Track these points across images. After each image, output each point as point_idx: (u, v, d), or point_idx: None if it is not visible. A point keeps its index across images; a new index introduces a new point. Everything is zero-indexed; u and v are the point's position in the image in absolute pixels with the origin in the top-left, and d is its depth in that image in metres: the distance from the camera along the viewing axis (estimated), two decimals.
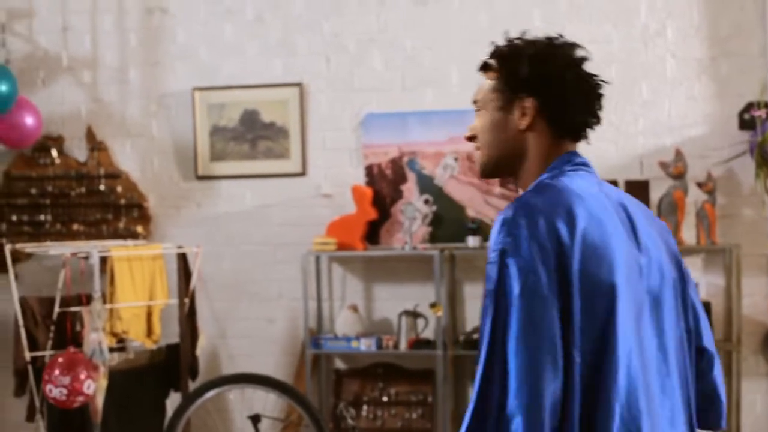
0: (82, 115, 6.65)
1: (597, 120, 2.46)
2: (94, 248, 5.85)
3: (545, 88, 2.39)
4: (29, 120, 6.23)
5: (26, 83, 6.52)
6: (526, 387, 2.16)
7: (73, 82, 6.68)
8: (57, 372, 5.48)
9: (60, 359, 5.54)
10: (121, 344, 6.01)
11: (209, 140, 6.49)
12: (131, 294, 5.92)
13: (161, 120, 6.59)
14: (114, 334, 5.88)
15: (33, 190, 6.59)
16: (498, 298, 2.23)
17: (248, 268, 6.45)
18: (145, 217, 6.53)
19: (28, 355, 5.79)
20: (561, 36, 2.49)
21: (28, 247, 6.08)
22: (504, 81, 2.43)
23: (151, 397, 6.01)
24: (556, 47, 2.44)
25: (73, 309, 5.81)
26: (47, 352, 5.76)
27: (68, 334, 5.82)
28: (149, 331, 6.01)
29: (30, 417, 5.93)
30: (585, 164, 2.47)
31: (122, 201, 6.53)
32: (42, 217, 6.60)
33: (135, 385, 5.90)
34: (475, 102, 2.51)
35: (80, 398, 5.50)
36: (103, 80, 6.66)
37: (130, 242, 6.30)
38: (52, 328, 5.79)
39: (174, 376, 6.05)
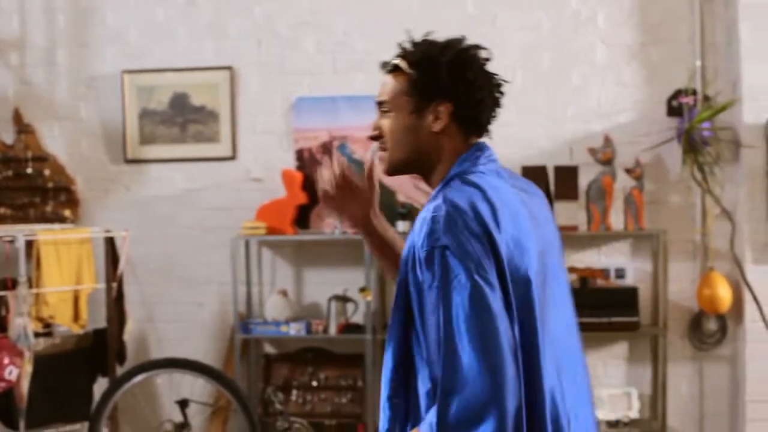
0: (9, 97, 6.64)
1: (496, 116, 2.63)
2: (19, 232, 5.86)
3: (461, 93, 2.51)
4: None
5: None
6: (494, 376, 2.30)
7: (1, 63, 6.67)
8: None
9: None
10: (47, 329, 6.02)
11: (138, 123, 6.52)
12: (58, 278, 5.94)
13: (90, 102, 6.60)
14: (40, 319, 5.89)
15: None
16: (446, 293, 2.36)
17: (177, 252, 6.49)
18: (72, 201, 6.55)
19: None
20: (464, 38, 2.60)
21: None
22: (419, 86, 2.52)
23: (78, 382, 6.03)
24: (468, 51, 2.55)
25: None
26: None
27: None
28: (76, 316, 6.03)
29: None
30: (490, 155, 2.62)
31: (50, 184, 6.54)
32: None
33: (62, 370, 5.91)
34: (381, 103, 2.59)
35: (1, 384, 5.52)
36: (31, 62, 6.66)
37: (57, 226, 6.30)
38: None
39: (101, 361, 6.08)
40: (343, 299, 6.13)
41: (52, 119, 6.63)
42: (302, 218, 6.29)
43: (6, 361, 5.49)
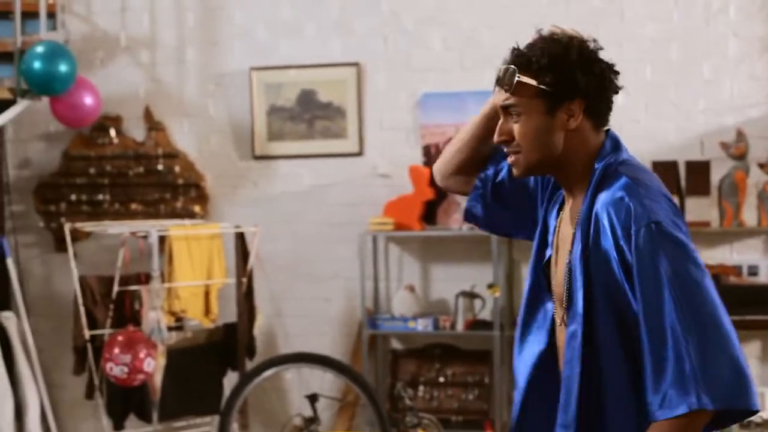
0: (140, 95, 6.86)
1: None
2: (152, 227, 6.06)
3: (594, 89, 2.54)
4: (88, 100, 6.43)
5: (85, 63, 6.71)
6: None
7: (131, 62, 6.89)
8: (117, 350, 5.70)
9: (119, 338, 5.77)
10: (179, 323, 6.21)
11: (266, 120, 6.68)
12: (189, 273, 6.13)
13: (218, 100, 6.78)
14: (172, 313, 6.09)
15: (92, 170, 6.81)
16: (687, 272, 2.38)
17: (305, 248, 6.63)
18: (202, 197, 6.74)
19: (87, 333, 6.01)
20: (579, 33, 2.62)
21: (87, 227, 6.30)
22: (555, 88, 2.54)
23: (209, 376, 6.22)
24: (588, 46, 2.58)
25: (132, 288, 6.02)
26: (106, 331, 5.98)
27: (127, 313, 6.04)
28: (207, 310, 6.21)
29: (89, 395, 6.15)
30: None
31: (180, 181, 6.74)
32: (100, 197, 6.82)
33: (193, 364, 6.10)
34: (509, 106, 2.59)
35: (140, 376, 5.72)
36: (161, 60, 6.86)
37: (188, 222, 6.50)
38: (111, 306, 6.01)
39: (231, 355, 6.25)
40: (471, 295, 6.20)
41: (182, 116, 6.82)
42: (429, 214, 6.38)
43: (143, 353, 5.69)
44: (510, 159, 2.62)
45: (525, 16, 6.16)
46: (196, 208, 6.72)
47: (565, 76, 2.53)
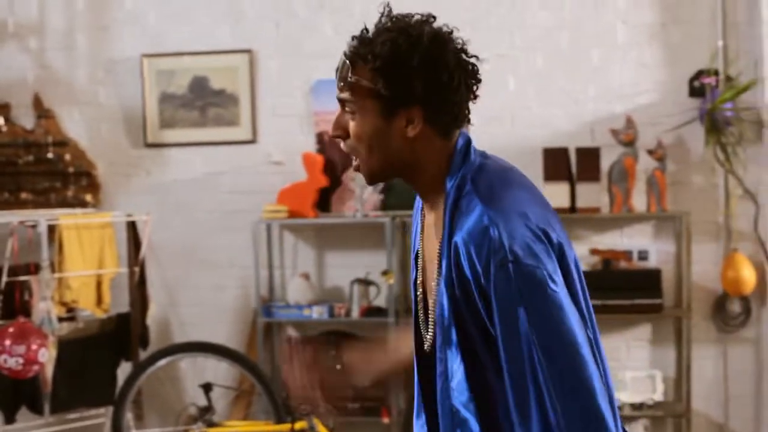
0: (29, 81, 6.78)
1: (475, 101, 2.39)
2: (41, 217, 6.01)
3: (435, 97, 2.31)
4: None
5: None
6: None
7: (19, 47, 6.81)
8: (9, 342, 5.64)
9: (10, 329, 5.70)
10: (70, 313, 6.18)
11: (158, 107, 6.66)
12: (80, 263, 6.10)
13: (109, 87, 6.74)
14: (63, 304, 6.06)
15: None
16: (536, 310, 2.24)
17: (199, 236, 6.63)
18: (94, 185, 6.70)
19: None
20: (434, 18, 2.37)
21: None
22: (390, 93, 2.29)
23: (102, 367, 6.20)
24: (442, 46, 2.32)
25: (22, 278, 5.97)
26: None
27: (17, 304, 5.98)
28: (99, 300, 6.20)
29: None
30: (473, 145, 2.43)
31: (71, 169, 6.69)
32: None
33: (85, 355, 6.08)
34: (343, 101, 2.37)
35: (35, 367, 5.68)
36: (50, 46, 6.80)
37: (79, 210, 6.46)
38: (0, 297, 5.95)
39: (125, 345, 6.24)
40: (366, 282, 6.27)
41: (72, 104, 6.77)
42: (323, 201, 6.42)
43: (36, 345, 5.64)
44: (354, 164, 2.40)
45: (416, 3, 6.20)
46: (88, 197, 6.68)
47: (402, 81, 2.28)
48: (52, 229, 6.03)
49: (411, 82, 2.28)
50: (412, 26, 2.33)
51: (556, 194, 5.95)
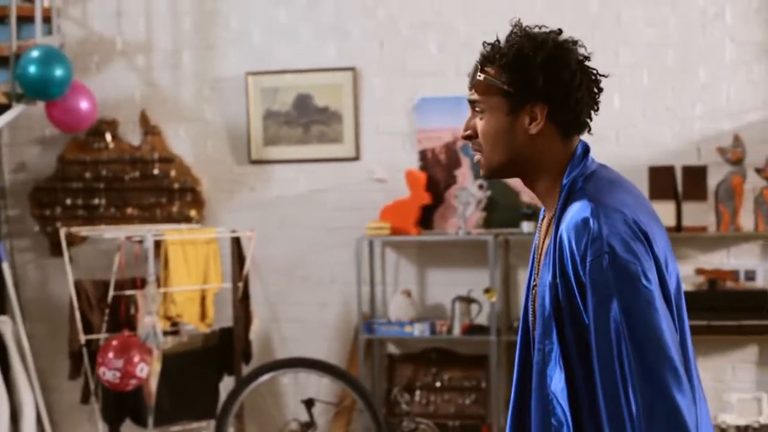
0: (136, 99, 6.87)
1: (597, 111, 2.51)
2: (148, 232, 6.07)
3: (557, 94, 2.44)
4: (84, 104, 6.45)
5: (80, 68, 6.73)
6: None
7: (127, 66, 6.91)
8: (110, 355, 5.72)
9: (114, 342, 5.78)
10: (175, 328, 6.23)
11: (262, 124, 6.69)
12: (185, 278, 6.15)
13: (214, 104, 6.80)
14: (168, 318, 6.10)
15: (87, 174, 6.83)
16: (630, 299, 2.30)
17: (301, 253, 6.64)
18: (198, 201, 6.75)
19: (82, 337, 6.03)
20: (561, 31, 2.51)
21: (83, 231, 6.32)
22: (515, 88, 2.44)
23: (205, 381, 6.23)
24: (565, 49, 2.47)
25: (128, 292, 6.04)
26: (102, 335, 6.00)
27: (122, 318, 6.06)
28: (203, 315, 6.23)
29: (84, 399, 6.17)
30: (591, 155, 2.54)
31: (176, 185, 6.75)
32: (96, 201, 6.83)
33: (189, 369, 6.12)
34: (473, 102, 2.51)
35: (133, 381, 5.73)
36: (157, 64, 6.88)
37: (183, 226, 6.51)
38: (107, 311, 6.02)
39: (227, 360, 6.26)
40: (468, 300, 6.22)
41: (178, 121, 6.84)
42: (426, 219, 6.40)
43: (137, 359, 5.70)
44: (476, 158, 2.54)
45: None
46: (192, 213, 6.73)
47: (526, 76, 2.43)
48: (157, 244, 6.08)
49: (534, 77, 2.42)
50: (539, 34, 2.49)
51: (662, 213, 5.76)
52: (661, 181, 5.98)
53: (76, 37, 6.89)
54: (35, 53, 6.18)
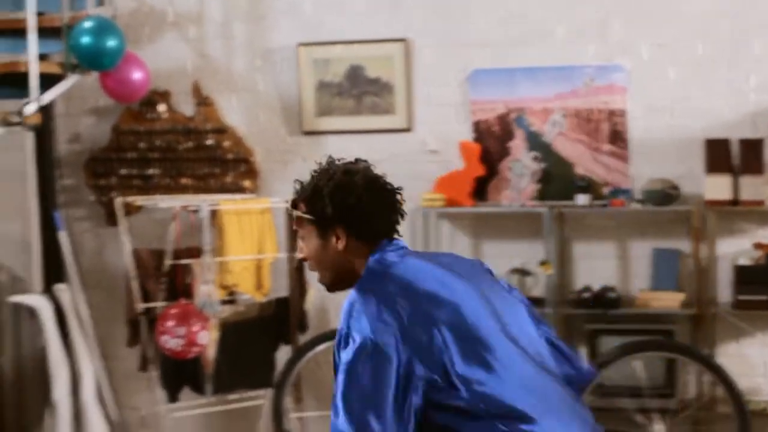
0: (188, 70, 6.82)
1: (401, 218, 3.00)
2: (203, 202, 6.04)
3: (349, 216, 2.91)
4: (137, 75, 6.40)
5: (132, 38, 6.66)
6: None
7: (178, 37, 6.85)
8: (171, 323, 5.71)
9: (173, 311, 5.77)
10: (231, 297, 6.20)
11: (314, 95, 6.64)
12: (240, 247, 6.12)
13: (266, 75, 6.74)
14: (224, 287, 6.08)
15: (141, 144, 6.79)
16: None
17: None
18: (252, 172, 6.71)
19: (140, 306, 6.02)
20: (358, 161, 3.07)
21: (139, 200, 6.30)
22: (316, 218, 2.93)
23: (262, 350, 6.21)
24: (349, 176, 2.96)
25: (184, 261, 6.01)
26: (159, 304, 5.99)
27: (179, 287, 6.04)
28: (259, 285, 6.21)
29: (143, 367, 6.18)
30: (390, 247, 2.94)
31: (229, 156, 6.71)
32: (151, 171, 6.80)
33: (245, 338, 6.11)
34: (296, 230, 3.03)
35: (195, 349, 5.72)
36: (209, 35, 6.82)
37: (238, 196, 6.47)
38: (163, 280, 6.00)
39: (284, 329, 6.24)
40: (523, 272, 6.17)
41: (230, 91, 6.79)
42: (480, 190, 6.34)
43: (197, 327, 5.68)
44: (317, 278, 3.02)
45: None
46: (246, 183, 6.69)
47: (320, 207, 2.92)
48: (213, 214, 6.05)
49: (326, 206, 2.91)
50: (331, 167, 3.02)
51: (718, 186, 5.80)
52: (718, 153, 5.90)
53: (128, 8, 6.83)
54: (88, 24, 6.14)
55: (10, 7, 6.33)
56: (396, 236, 2.99)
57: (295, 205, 3.03)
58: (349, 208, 2.91)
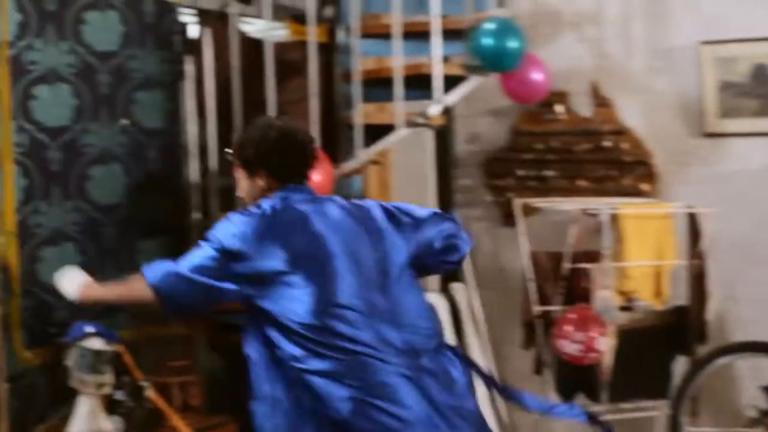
0: (586, 70, 6.70)
1: (308, 167, 3.82)
2: (603, 205, 5.89)
3: (265, 161, 3.75)
4: (537, 76, 6.32)
5: (531, 39, 6.56)
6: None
7: (576, 37, 6.75)
8: (570, 328, 5.60)
9: (571, 315, 5.66)
10: (629, 303, 6.01)
11: (717, 96, 6.33)
12: (640, 253, 5.92)
13: (666, 75, 6.51)
14: (622, 293, 5.91)
15: (538, 146, 6.75)
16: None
17: (760, 231, 6.24)
18: (650, 175, 6.50)
19: (536, 308, 5.96)
20: (279, 118, 4.20)
21: (537, 202, 6.23)
22: (243, 162, 3.81)
23: (658, 360, 5.99)
24: (266, 130, 3.79)
25: (582, 265, 5.89)
26: (555, 308, 5.89)
27: (577, 291, 5.92)
28: (657, 292, 5.98)
29: (537, 370, 6.11)
30: (287, 193, 3.74)
31: (627, 158, 6.53)
32: (547, 173, 6.73)
33: (642, 346, 5.90)
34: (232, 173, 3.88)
35: (593, 355, 5.59)
36: (607, 35, 6.67)
37: (636, 200, 6.28)
38: (561, 283, 5.90)
39: (681, 340, 5.99)
40: None
41: (629, 92, 6.61)
42: None
43: (595, 333, 5.55)
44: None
45: None
46: (644, 187, 6.49)
47: (246, 156, 3.79)
48: (612, 218, 5.88)
49: (250, 155, 3.78)
50: (257, 124, 3.89)
51: None
52: None
53: (526, 9, 6.79)
54: (490, 25, 6.11)
55: (413, 10, 6.42)
56: (304, 182, 3.78)
57: (230, 153, 3.84)
58: (265, 155, 3.73)
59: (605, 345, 5.62)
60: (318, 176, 5.14)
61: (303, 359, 3.44)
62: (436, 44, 5.95)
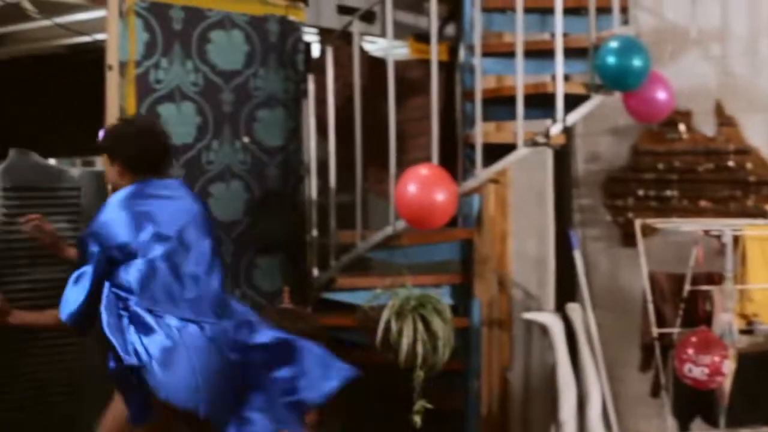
0: (710, 89, 6.58)
1: (167, 161, 4.52)
2: (726, 226, 5.78)
3: (121, 154, 4.42)
4: (661, 95, 6.22)
5: (654, 57, 6.46)
6: None
7: (701, 55, 6.63)
8: (692, 351, 5.49)
9: (693, 338, 5.56)
10: (749, 327, 5.88)
11: None
12: (763, 275, 5.79)
13: None
14: (743, 316, 5.79)
15: (660, 165, 6.65)
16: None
17: None
18: None
19: (655, 330, 5.87)
20: (143, 116, 5.20)
21: (658, 223, 6.15)
22: (107, 153, 4.48)
23: None
24: (129, 125, 4.57)
25: (703, 288, 5.78)
26: (675, 330, 5.80)
27: (698, 313, 5.82)
28: None
29: (654, 393, 6.02)
30: (143, 184, 4.39)
31: (751, 178, 6.40)
32: (668, 193, 6.64)
33: (762, 371, 5.78)
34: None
35: (718, 378, 5.47)
36: (733, 52, 6.55)
37: (760, 221, 6.15)
38: (681, 305, 5.81)
39: None
40: None
41: (754, 111, 6.47)
42: None
43: (719, 356, 5.44)
44: None
45: None
46: None
47: (107, 146, 4.47)
48: (736, 239, 5.77)
49: (109, 146, 4.45)
50: (124, 121, 4.72)
51: None
52: None
53: (649, 27, 6.70)
54: (613, 44, 6.03)
55: (536, 29, 6.40)
56: (160, 176, 4.40)
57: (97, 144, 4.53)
58: (121, 148, 4.38)
59: (728, 369, 5.51)
60: (441, 195, 5.17)
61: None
62: (559, 63, 5.91)
